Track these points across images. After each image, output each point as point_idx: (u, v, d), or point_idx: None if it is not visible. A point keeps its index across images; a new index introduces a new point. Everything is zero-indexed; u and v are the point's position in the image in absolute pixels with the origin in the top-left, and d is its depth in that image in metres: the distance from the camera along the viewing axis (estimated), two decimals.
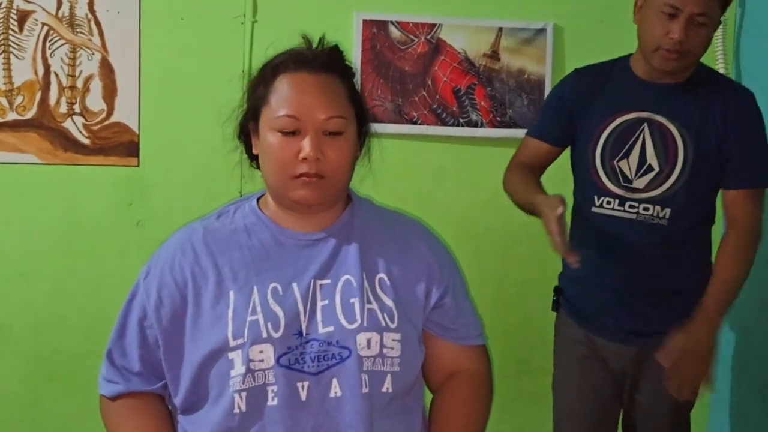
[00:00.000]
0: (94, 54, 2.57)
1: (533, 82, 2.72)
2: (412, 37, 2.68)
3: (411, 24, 2.68)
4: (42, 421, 2.65)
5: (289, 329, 1.35)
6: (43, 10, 2.54)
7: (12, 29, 2.53)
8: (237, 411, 1.34)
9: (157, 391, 1.45)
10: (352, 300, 1.39)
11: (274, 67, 1.44)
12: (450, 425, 1.47)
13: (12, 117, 2.55)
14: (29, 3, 2.53)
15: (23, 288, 2.61)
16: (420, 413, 1.50)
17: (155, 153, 2.62)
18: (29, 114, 2.56)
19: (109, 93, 2.59)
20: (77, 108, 2.58)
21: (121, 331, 1.45)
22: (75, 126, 2.58)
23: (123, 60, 2.58)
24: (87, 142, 2.59)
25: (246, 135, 1.50)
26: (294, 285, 1.39)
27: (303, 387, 1.34)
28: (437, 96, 2.70)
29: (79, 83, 2.57)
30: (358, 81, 1.51)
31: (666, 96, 2.00)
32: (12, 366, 2.63)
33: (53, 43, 2.55)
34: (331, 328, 1.36)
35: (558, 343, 2.27)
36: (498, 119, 2.72)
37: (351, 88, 1.47)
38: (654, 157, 1.99)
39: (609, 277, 2.06)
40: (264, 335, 1.34)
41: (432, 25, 2.68)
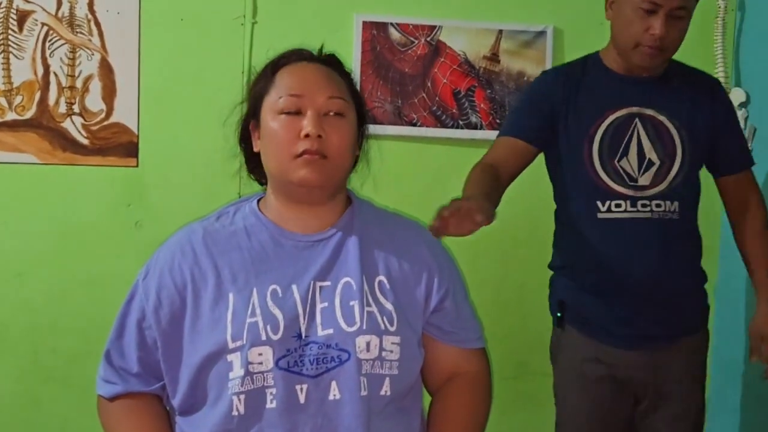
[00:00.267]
0: (93, 54, 2.57)
1: None
2: (412, 39, 2.68)
3: (411, 26, 2.68)
4: (39, 422, 2.64)
5: (289, 331, 1.35)
6: (43, 10, 2.54)
7: (12, 29, 2.53)
8: (235, 413, 1.34)
9: (156, 392, 1.45)
10: (351, 303, 1.38)
11: (274, 64, 1.48)
12: (449, 428, 1.47)
13: (11, 117, 2.55)
14: (29, 3, 2.53)
15: (21, 288, 2.61)
16: (419, 415, 1.50)
17: (154, 154, 2.62)
18: (28, 114, 2.56)
19: (109, 93, 2.59)
20: (76, 108, 2.58)
21: (120, 332, 1.45)
22: (74, 126, 2.58)
23: (122, 60, 2.58)
24: (86, 142, 2.59)
25: (246, 140, 1.50)
26: (294, 287, 1.39)
27: (302, 390, 1.34)
28: (437, 98, 2.70)
29: (79, 83, 2.57)
30: (357, 84, 1.53)
31: (650, 90, 1.99)
32: (9, 366, 2.62)
33: (53, 43, 2.55)
34: (331, 330, 1.36)
35: (563, 367, 2.14)
36: (498, 121, 2.72)
37: (351, 85, 1.50)
38: (652, 151, 1.97)
39: (628, 283, 1.96)
40: (263, 337, 1.34)
41: (432, 27, 2.68)
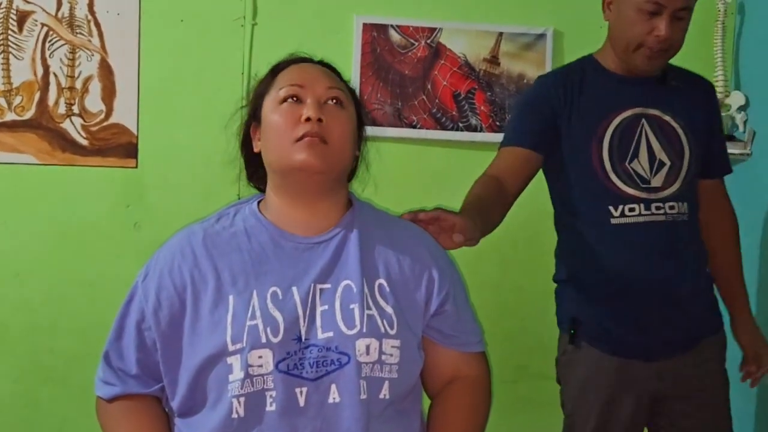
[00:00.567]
0: (93, 55, 2.57)
1: None
2: (412, 41, 2.68)
3: (411, 28, 2.68)
4: (38, 422, 2.64)
5: (289, 334, 1.35)
6: (43, 10, 2.54)
7: (12, 29, 2.52)
8: (235, 416, 1.33)
9: (155, 394, 1.45)
10: (351, 306, 1.38)
11: (274, 68, 1.51)
12: (449, 431, 1.47)
13: (10, 117, 2.55)
14: (29, 3, 2.53)
15: (20, 288, 2.60)
16: (418, 417, 1.49)
17: (153, 154, 2.62)
18: (28, 114, 2.56)
19: (108, 94, 2.59)
20: (76, 109, 2.58)
21: (119, 333, 1.45)
22: (73, 127, 2.58)
23: (122, 61, 2.58)
24: (85, 143, 2.58)
25: (247, 145, 1.51)
26: (294, 289, 1.38)
27: (301, 393, 1.34)
28: (437, 100, 2.70)
29: (78, 84, 2.57)
30: (356, 88, 1.54)
31: (651, 90, 1.96)
32: (8, 366, 2.62)
33: (52, 44, 2.55)
34: (331, 333, 1.36)
35: (576, 386, 2.03)
36: (497, 124, 2.71)
37: (351, 91, 1.52)
38: (662, 152, 1.92)
39: (645, 290, 1.90)
40: (263, 340, 1.34)
41: (432, 29, 2.68)
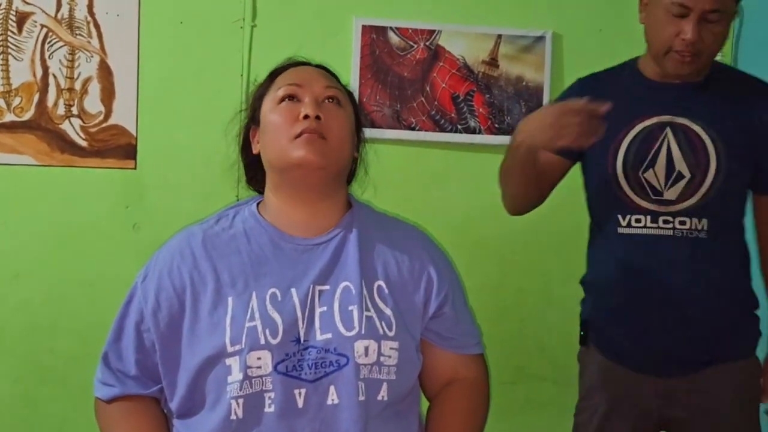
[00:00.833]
0: (92, 56, 2.57)
1: (532, 89, 2.72)
2: (411, 43, 2.68)
3: (410, 30, 2.68)
4: (36, 423, 2.64)
5: (287, 336, 1.35)
6: (43, 11, 2.54)
7: (11, 30, 2.52)
8: (234, 417, 1.33)
9: (153, 395, 1.45)
10: (350, 307, 1.38)
11: (272, 72, 1.53)
12: None
13: (9, 118, 2.55)
14: (28, 4, 2.53)
15: (19, 289, 2.60)
16: (416, 419, 1.49)
17: (153, 156, 2.62)
18: (27, 115, 2.56)
19: (107, 95, 2.59)
20: (75, 110, 2.58)
21: (118, 334, 1.45)
22: (72, 128, 2.58)
23: (121, 63, 2.58)
24: (84, 144, 2.58)
25: (247, 149, 1.52)
26: (293, 290, 1.38)
27: (300, 394, 1.34)
28: (436, 102, 2.70)
29: (78, 85, 2.57)
30: (355, 91, 1.56)
31: (686, 97, 1.82)
32: (7, 367, 2.61)
33: (52, 45, 2.55)
34: (329, 335, 1.36)
35: (585, 385, 2.05)
36: (496, 126, 2.72)
37: (349, 93, 1.54)
38: (683, 163, 1.80)
39: (644, 304, 1.85)
40: (262, 342, 1.34)
41: (431, 32, 2.69)
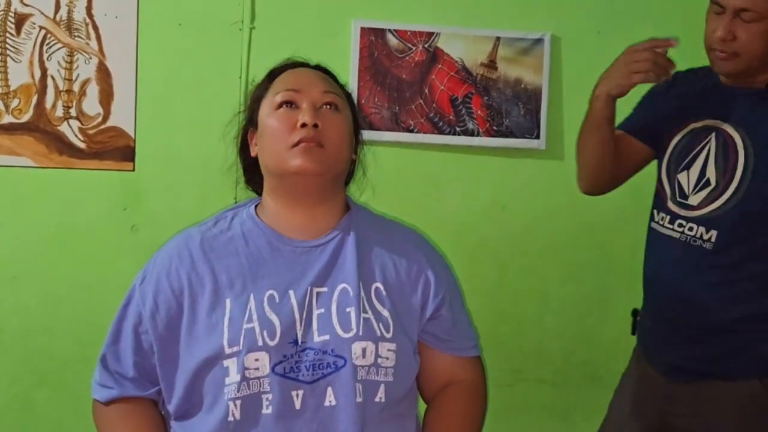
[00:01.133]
0: (91, 58, 2.57)
1: (530, 91, 2.72)
2: (409, 46, 2.68)
3: (409, 32, 2.68)
4: (33, 426, 2.63)
5: (285, 337, 1.35)
6: (41, 13, 2.53)
7: (9, 32, 2.52)
8: (231, 419, 1.34)
9: (151, 397, 1.45)
10: (348, 309, 1.38)
11: (271, 73, 1.52)
12: None
13: (8, 120, 2.54)
14: (27, 6, 2.53)
15: (16, 291, 2.60)
16: (414, 422, 1.49)
17: (151, 158, 2.61)
18: (25, 117, 2.55)
19: (106, 97, 2.58)
20: (73, 112, 2.57)
21: (116, 336, 1.45)
22: (71, 130, 2.57)
23: (120, 64, 2.58)
24: (82, 146, 2.58)
25: (245, 149, 1.52)
26: (291, 292, 1.39)
27: (297, 395, 1.34)
28: (434, 104, 2.70)
29: (76, 87, 2.57)
30: (353, 92, 1.55)
31: (738, 101, 1.79)
32: (3, 369, 2.61)
33: (50, 47, 2.55)
34: (327, 336, 1.36)
35: (625, 373, 2.05)
36: (495, 128, 2.72)
37: (347, 94, 1.53)
38: (713, 171, 1.77)
39: (655, 304, 1.89)
40: (259, 343, 1.34)
41: (430, 34, 2.69)
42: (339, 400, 1.35)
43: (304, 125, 1.39)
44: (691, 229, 1.79)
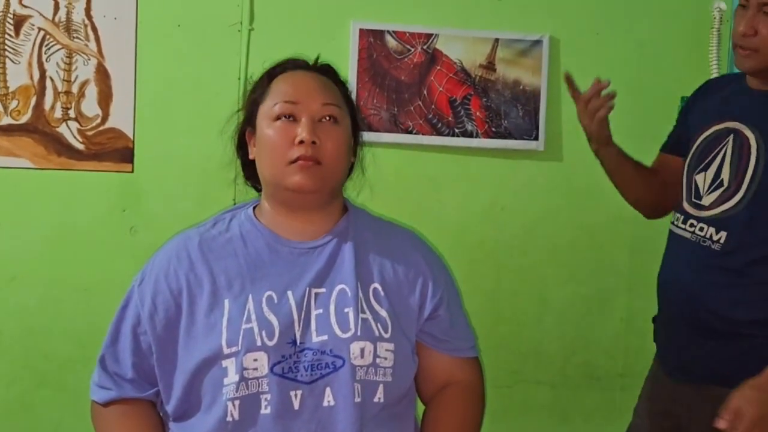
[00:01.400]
0: (90, 59, 2.57)
1: (529, 93, 2.73)
2: (408, 47, 2.68)
3: (407, 34, 2.68)
4: (32, 427, 2.63)
5: (284, 338, 1.36)
6: (40, 14, 2.54)
7: (8, 33, 2.52)
8: (230, 419, 1.34)
9: (149, 398, 1.46)
10: (346, 309, 1.39)
11: (270, 72, 1.51)
12: None
13: (6, 121, 2.54)
14: (26, 8, 2.53)
15: (15, 292, 2.59)
16: (412, 422, 1.50)
17: (150, 159, 2.61)
18: (24, 118, 2.55)
19: (105, 98, 2.58)
20: (72, 113, 2.57)
21: (115, 337, 1.45)
22: (69, 131, 2.57)
23: (119, 66, 2.58)
24: (81, 147, 2.58)
25: (243, 147, 1.52)
26: (289, 293, 1.39)
27: (296, 396, 1.34)
28: (433, 106, 2.70)
29: (75, 88, 2.57)
30: (353, 92, 1.54)
31: (759, 102, 1.77)
32: (2, 370, 2.61)
33: (49, 48, 2.55)
34: (325, 337, 1.37)
35: (647, 376, 2.02)
36: (493, 130, 2.72)
37: (346, 94, 1.52)
38: (728, 172, 1.76)
39: (663, 303, 1.89)
40: (258, 343, 1.34)
41: (428, 35, 2.69)
42: (338, 400, 1.35)
43: (302, 142, 1.39)
44: (702, 230, 1.78)
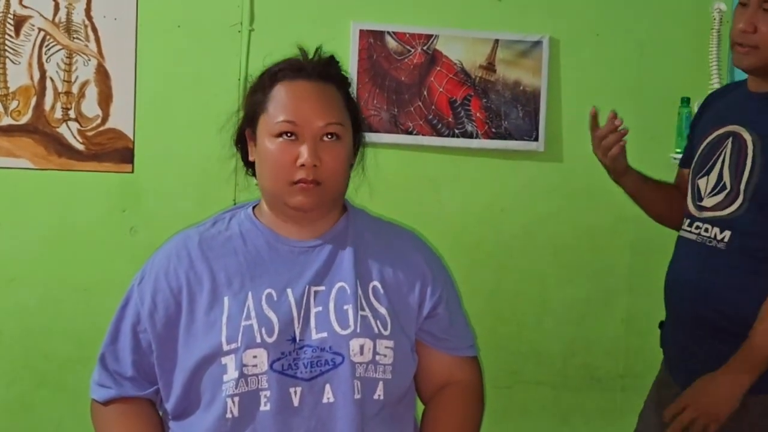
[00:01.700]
0: (90, 60, 2.57)
1: (529, 94, 2.73)
2: (408, 48, 2.69)
3: (407, 35, 2.68)
4: (32, 427, 2.63)
5: (283, 335, 1.36)
6: (40, 15, 2.54)
7: (8, 34, 2.52)
8: (229, 416, 1.34)
9: (149, 397, 1.46)
10: (345, 307, 1.39)
11: (271, 75, 1.47)
12: None
13: (6, 122, 2.54)
14: (26, 8, 2.53)
15: (14, 293, 2.60)
16: (411, 423, 1.50)
17: (150, 160, 2.62)
18: (24, 119, 2.56)
19: (105, 99, 2.59)
20: (72, 113, 2.58)
21: (115, 336, 1.46)
22: (70, 131, 2.58)
23: (119, 66, 2.58)
24: (81, 147, 2.58)
25: (243, 143, 1.51)
26: (288, 291, 1.39)
27: (296, 392, 1.34)
28: (433, 106, 2.71)
29: (75, 89, 2.57)
30: (353, 90, 1.53)
31: (756, 104, 1.78)
32: (1, 370, 2.61)
33: (49, 49, 2.55)
34: (325, 334, 1.37)
35: (654, 380, 2.01)
36: (493, 130, 2.72)
37: (347, 96, 1.51)
38: (728, 174, 1.77)
39: (669, 304, 1.89)
40: (258, 340, 1.34)
41: (428, 36, 2.69)
42: (337, 397, 1.35)
43: (303, 164, 1.38)
44: (707, 230, 1.79)
